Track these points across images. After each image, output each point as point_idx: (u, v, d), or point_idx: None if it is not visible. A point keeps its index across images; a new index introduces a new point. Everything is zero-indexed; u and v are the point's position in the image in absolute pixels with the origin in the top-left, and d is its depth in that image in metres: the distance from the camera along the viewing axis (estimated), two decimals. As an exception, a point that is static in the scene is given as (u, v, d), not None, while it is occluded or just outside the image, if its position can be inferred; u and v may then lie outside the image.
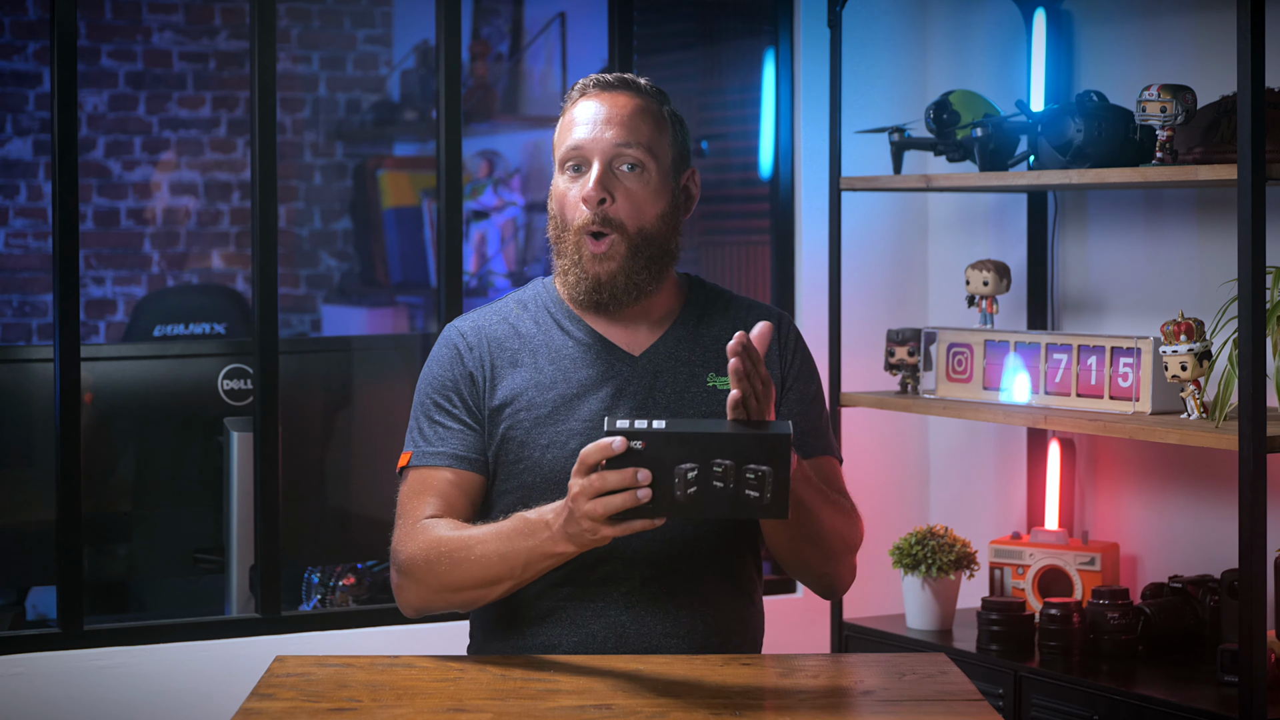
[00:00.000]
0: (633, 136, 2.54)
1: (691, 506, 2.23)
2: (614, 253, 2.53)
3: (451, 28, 3.79)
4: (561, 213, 2.56)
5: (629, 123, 2.55)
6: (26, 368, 3.60)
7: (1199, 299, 3.67)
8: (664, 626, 2.51)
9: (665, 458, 2.22)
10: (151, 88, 6.39)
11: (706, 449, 2.22)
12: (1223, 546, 3.65)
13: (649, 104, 2.59)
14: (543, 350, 2.58)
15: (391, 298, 6.37)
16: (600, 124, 2.55)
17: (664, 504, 2.23)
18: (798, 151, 4.27)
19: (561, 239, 2.57)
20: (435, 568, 2.46)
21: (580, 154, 2.55)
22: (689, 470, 2.22)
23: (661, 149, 2.57)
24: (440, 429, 2.56)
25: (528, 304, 2.64)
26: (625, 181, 2.54)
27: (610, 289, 2.54)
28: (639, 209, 2.54)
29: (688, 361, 2.59)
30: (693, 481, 2.22)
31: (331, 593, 3.84)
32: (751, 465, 2.22)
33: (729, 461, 2.22)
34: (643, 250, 2.54)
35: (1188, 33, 3.76)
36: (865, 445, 4.26)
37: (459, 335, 2.61)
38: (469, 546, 2.43)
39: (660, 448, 2.22)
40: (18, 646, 3.49)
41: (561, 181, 2.57)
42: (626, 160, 2.54)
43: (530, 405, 2.54)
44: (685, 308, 2.64)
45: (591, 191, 2.52)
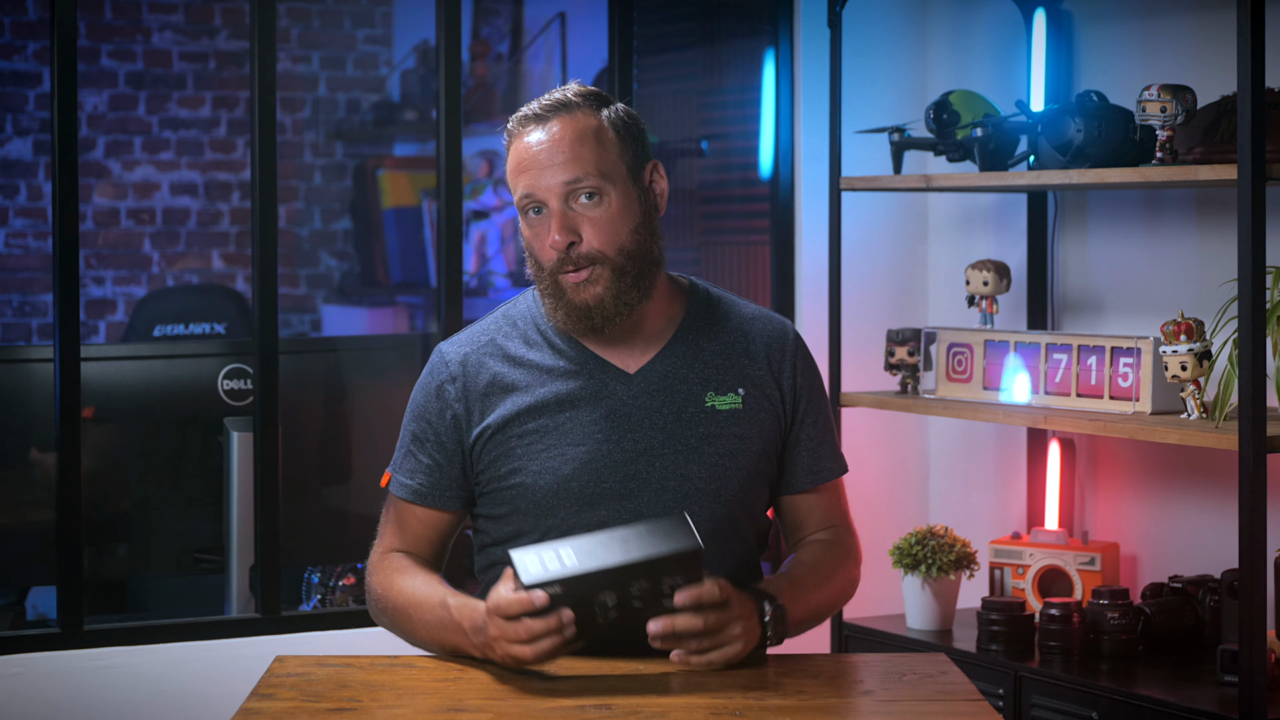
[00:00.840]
0: (580, 169, 2.45)
1: (612, 628, 2.30)
2: (596, 278, 2.46)
3: (451, 28, 3.79)
4: (533, 257, 2.50)
5: (572, 153, 2.45)
6: (26, 368, 3.60)
7: (1199, 299, 3.67)
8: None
9: (582, 593, 2.26)
10: (151, 88, 6.39)
11: (621, 578, 2.26)
12: (1223, 546, 3.65)
13: (586, 122, 2.47)
14: (533, 371, 2.53)
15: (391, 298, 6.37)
16: (544, 167, 2.45)
17: (586, 632, 2.29)
18: (798, 151, 4.27)
19: (540, 278, 2.50)
20: (386, 615, 2.57)
21: (534, 199, 2.47)
22: (607, 599, 2.27)
23: (612, 165, 2.47)
24: (413, 460, 2.57)
25: (517, 321, 2.58)
26: (587, 214, 2.45)
27: (601, 313, 2.47)
28: (610, 235, 2.46)
29: (685, 379, 2.53)
30: (612, 608, 2.28)
31: (331, 593, 3.84)
32: (666, 580, 2.28)
33: (644, 583, 2.27)
34: (627, 270, 2.47)
35: (1188, 33, 3.76)
36: (865, 445, 4.26)
37: (444, 364, 2.56)
38: (408, 612, 2.51)
39: (578, 586, 2.26)
40: (18, 646, 3.49)
41: (526, 227, 2.50)
42: (582, 192, 2.45)
43: (523, 431, 2.51)
44: (684, 321, 2.57)
45: (557, 239, 2.44)
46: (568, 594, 2.25)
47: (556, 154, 2.45)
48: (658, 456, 2.49)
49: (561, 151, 2.45)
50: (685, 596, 2.28)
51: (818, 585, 2.53)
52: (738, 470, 2.52)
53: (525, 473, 2.50)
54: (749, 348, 2.58)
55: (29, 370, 3.58)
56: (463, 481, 2.56)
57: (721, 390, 2.54)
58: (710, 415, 2.52)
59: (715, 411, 2.52)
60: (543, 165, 2.45)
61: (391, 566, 2.56)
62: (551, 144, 2.46)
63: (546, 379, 2.52)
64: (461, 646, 2.42)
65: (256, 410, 3.64)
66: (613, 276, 2.46)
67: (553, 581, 2.24)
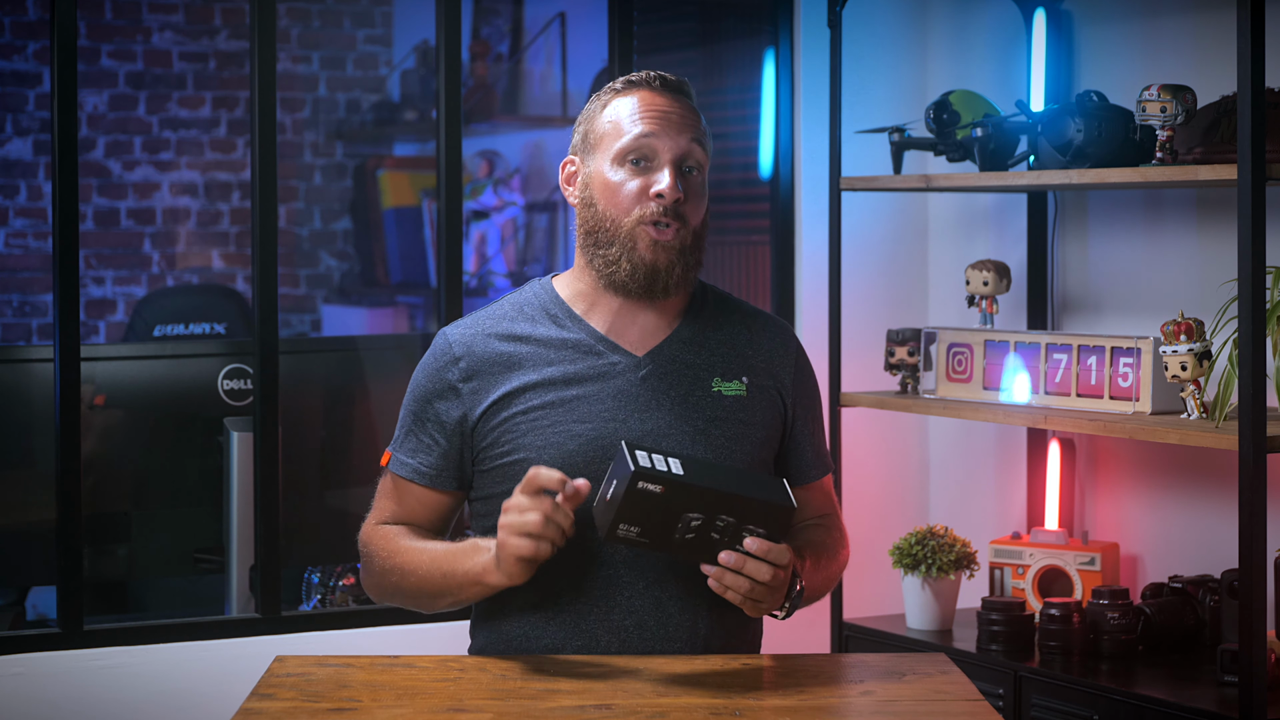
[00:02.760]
0: (699, 137, 2.54)
1: (683, 548, 2.34)
2: (676, 242, 2.51)
3: (451, 28, 3.79)
4: (617, 203, 2.52)
5: (694, 124, 2.55)
6: (26, 368, 3.60)
7: (1199, 299, 3.67)
8: (666, 631, 2.50)
9: (677, 504, 2.30)
10: (151, 88, 6.39)
11: (715, 504, 2.31)
12: (1223, 546, 3.65)
13: (696, 110, 2.59)
14: (539, 350, 2.56)
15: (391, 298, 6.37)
16: (672, 122, 2.53)
17: (661, 542, 2.33)
18: (798, 151, 4.27)
19: (612, 229, 2.52)
20: (388, 574, 2.55)
21: (650, 146, 2.51)
22: (694, 519, 2.31)
23: (709, 155, 2.58)
24: (413, 440, 2.59)
25: (524, 306, 2.60)
26: (690, 182, 2.54)
27: (666, 278, 2.52)
28: (698, 209, 2.55)
29: (692, 364, 2.57)
30: (694, 529, 2.32)
31: (331, 593, 3.84)
32: (750, 526, 2.34)
33: (732, 519, 2.33)
34: (696, 247, 2.55)
35: (1188, 33, 3.76)
36: (865, 445, 4.26)
37: (447, 345, 2.59)
38: (416, 560, 2.52)
39: (676, 494, 2.30)
40: (18, 646, 3.49)
41: (617, 174, 2.52)
42: (692, 161, 2.53)
43: (528, 408, 2.53)
44: (691, 309, 2.62)
45: (672, 189, 2.49)
46: (664, 497, 2.28)
47: (686, 118, 2.55)
48: (665, 437, 2.51)
49: (689, 119, 2.56)
50: (761, 544, 2.33)
51: (826, 563, 2.59)
52: (742, 454, 2.54)
53: (529, 448, 2.51)
54: (753, 340, 2.63)
55: (29, 370, 3.58)
56: (461, 463, 2.58)
57: (728, 377, 2.58)
58: (717, 400, 2.56)
59: (722, 396, 2.56)
60: (672, 122, 2.53)
61: (393, 530, 2.59)
62: (681, 108, 2.56)
63: (554, 356, 2.55)
64: (470, 571, 2.43)
65: (256, 410, 3.64)
66: (690, 246, 2.54)
67: (658, 478, 2.28)
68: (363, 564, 2.62)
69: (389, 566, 2.55)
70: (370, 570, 2.59)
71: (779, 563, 2.36)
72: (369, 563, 2.59)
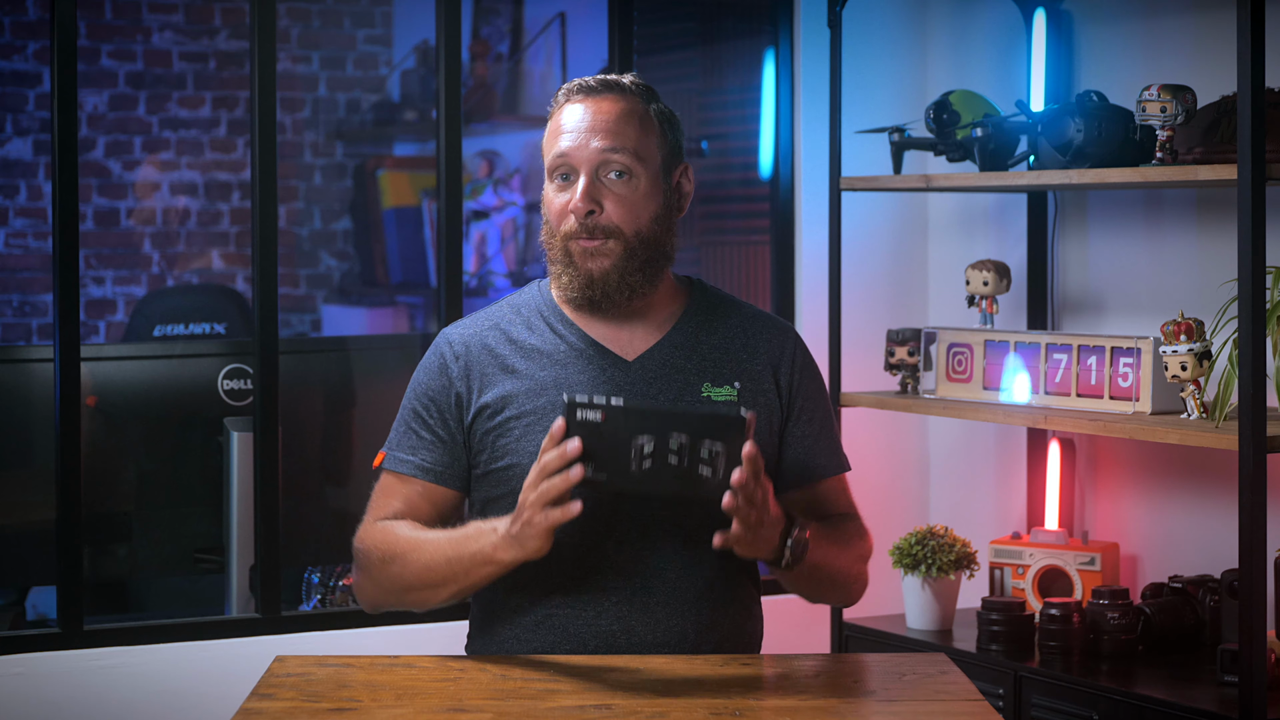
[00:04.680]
0: (618, 142, 2.51)
1: (645, 480, 2.28)
2: (608, 251, 2.51)
3: (451, 28, 3.79)
4: (552, 219, 2.55)
5: (614, 128, 2.52)
6: (26, 368, 3.60)
7: (1199, 299, 3.67)
8: (655, 635, 2.50)
9: (622, 430, 2.27)
10: (151, 88, 6.39)
11: (663, 424, 2.27)
12: (1223, 546, 3.65)
13: (634, 105, 2.55)
14: (534, 355, 2.56)
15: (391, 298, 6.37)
16: (585, 131, 2.52)
17: (618, 477, 2.29)
18: (798, 151, 4.27)
19: (552, 244, 2.55)
20: (388, 567, 2.52)
21: (566, 163, 2.52)
22: (644, 444, 2.27)
23: (649, 151, 2.54)
24: (414, 437, 2.58)
25: (521, 308, 2.62)
26: (613, 189, 2.51)
27: (603, 285, 2.52)
28: (631, 214, 2.52)
29: (682, 369, 2.56)
30: (648, 456, 2.27)
31: (331, 593, 3.84)
32: (706, 442, 2.28)
33: (684, 438, 2.27)
34: (638, 253, 2.52)
35: (1188, 33, 3.76)
36: (865, 445, 4.26)
37: (447, 344, 2.60)
38: (419, 548, 2.49)
39: (618, 421, 2.27)
40: (18, 646, 3.49)
41: (550, 190, 2.55)
42: (614, 168, 2.51)
43: (521, 412, 2.53)
44: (685, 314, 2.61)
45: (579, 203, 2.50)
46: (606, 425, 2.26)
47: (599, 125, 2.52)
48: None
49: (605, 124, 2.52)
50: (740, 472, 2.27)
51: (836, 542, 2.55)
52: None
53: (522, 453, 2.52)
54: (748, 343, 2.61)
55: (29, 370, 3.58)
56: (464, 461, 2.57)
57: (718, 382, 2.57)
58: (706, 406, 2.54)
59: (710, 402, 2.55)
60: (583, 131, 2.52)
61: (392, 523, 2.55)
62: (598, 114, 2.53)
63: (546, 362, 2.56)
64: (480, 553, 2.41)
65: (256, 410, 3.64)
66: (623, 254, 2.51)
67: (594, 406, 2.26)
68: (358, 567, 2.58)
69: (387, 556, 2.51)
70: (367, 567, 2.55)
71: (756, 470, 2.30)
72: (365, 560, 2.55)
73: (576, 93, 2.55)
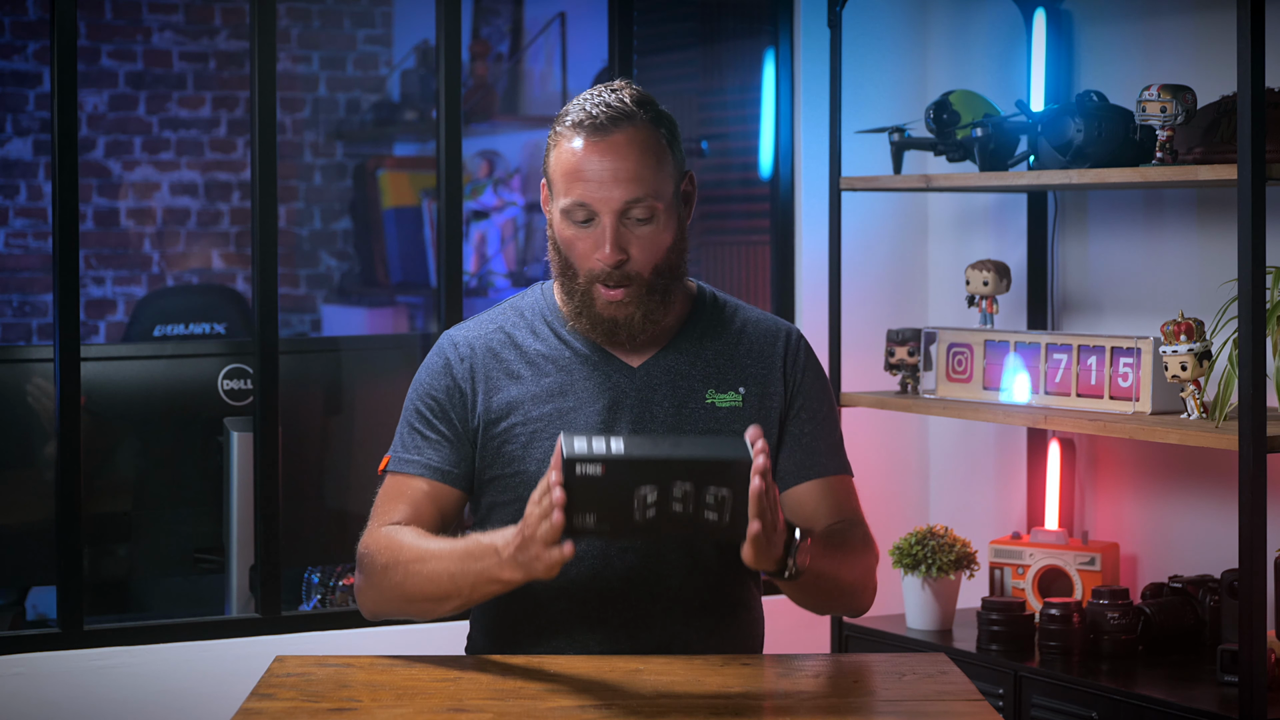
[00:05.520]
0: (641, 191, 2.45)
1: (649, 529, 2.20)
2: (631, 299, 2.48)
3: (451, 28, 3.79)
4: (570, 256, 2.50)
5: (636, 174, 2.45)
6: (26, 368, 3.60)
7: (1199, 299, 3.67)
8: (658, 639, 2.50)
9: (624, 481, 2.18)
10: (151, 88, 6.39)
11: (666, 472, 2.18)
12: (1223, 546, 3.65)
13: (647, 137, 2.47)
14: (540, 362, 2.55)
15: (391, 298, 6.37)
16: (606, 182, 2.45)
17: (622, 527, 2.20)
18: (798, 151, 4.27)
19: (570, 283, 2.51)
20: (390, 575, 2.46)
21: (589, 208, 2.46)
22: (648, 494, 2.19)
23: (665, 185, 2.49)
24: (419, 438, 2.55)
25: (525, 312, 2.60)
26: (636, 232, 2.47)
27: (628, 329, 2.50)
28: (654, 254, 2.49)
29: (687, 376, 2.55)
30: (651, 505, 2.19)
31: (331, 593, 3.84)
32: (711, 488, 2.20)
33: (688, 485, 2.19)
34: (658, 286, 2.50)
35: (1188, 33, 3.76)
36: (865, 445, 4.26)
37: (451, 346, 2.58)
38: (423, 560, 2.42)
39: (619, 473, 2.18)
40: (18, 646, 3.49)
41: (567, 228, 2.49)
42: (638, 212, 2.46)
43: (526, 419, 2.52)
44: (689, 321, 2.59)
45: (609, 254, 2.45)
46: (608, 478, 2.17)
47: (621, 170, 2.45)
48: None
49: (625, 169, 2.45)
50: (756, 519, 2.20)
51: (839, 550, 2.49)
52: None
53: (528, 460, 2.51)
54: (751, 347, 2.60)
55: (29, 370, 3.58)
56: (470, 461, 2.55)
57: (722, 389, 2.56)
58: (710, 412, 2.54)
59: (715, 409, 2.54)
60: (604, 179, 2.45)
61: (395, 529, 2.50)
62: (615, 158, 2.45)
63: (551, 369, 2.54)
64: (485, 572, 2.34)
65: (256, 410, 3.64)
66: (645, 294, 2.49)
67: (594, 459, 2.17)
68: (360, 574, 2.53)
69: (391, 564, 2.45)
70: (370, 574, 2.49)
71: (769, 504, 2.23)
72: (369, 567, 2.50)
73: (590, 132, 2.46)
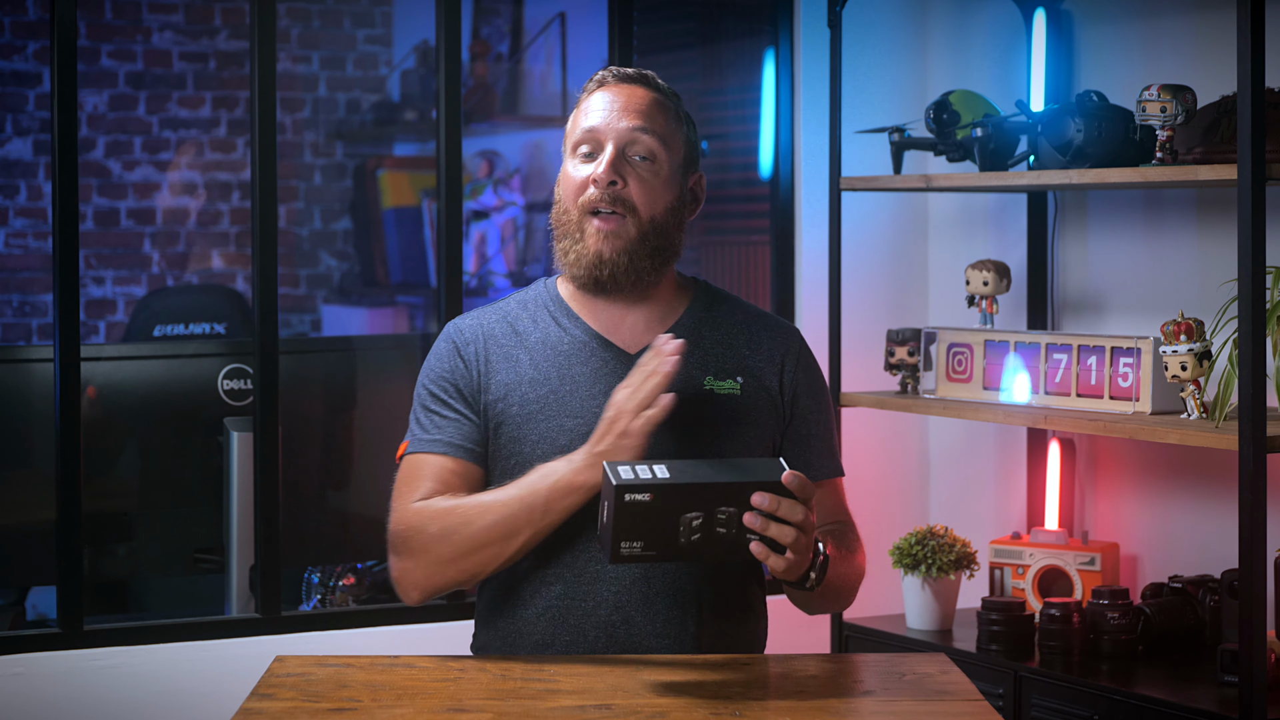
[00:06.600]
0: (648, 124, 2.56)
1: (694, 551, 2.29)
2: (622, 231, 2.53)
3: (451, 28, 3.79)
4: (568, 194, 2.57)
5: (646, 112, 2.57)
6: (26, 368, 3.60)
7: (1199, 299, 3.67)
8: (653, 627, 2.50)
9: (671, 507, 2.26)
10: (151, 88, 6.39)
11: (711, 498, 2.28)
12: (1223, 546, 3.65)
13: (665, 100, 2.60)
14: (538, 346, 2.58)
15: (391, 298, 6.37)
16: (617, 111, 2.56)
17: (668, 549, 2.28)
18: (798, 151, 4.27)
19: (565, 220, 2.57)
20: (448, 536, 2.47)
21: (594, 137, 2.56)
22: (694, 519, 2.28)
23: (675, 144, 2.58)
24: (436, 418, 2.56)
25: (527, 303, 2.64)
26: (637, 169, 2.55)
27: (612, 266, 2.53)
28: (650, 197, 2.55)
29: (685, 363, 2.55)
30: (697, 529, 2.28)
31: (331, 593, 3.84)
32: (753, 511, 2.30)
33: (732, 509, 2.29)
34: (650, 238, 2.55)
35: (1188, 33, 3.76)
36: (865, 445, 4.26)
37: (457, 332, 2.62)
38: (483, 504, 2.46)
39: (667, 500, 2.26)
40: (18, 646, 3.49)
41: (571, 166, 2.58)
42: (640, 149, 2.55)
43: (523, 400, 2.54)
44: (688, 309, 2.62)
45: (603, 174, 2.53)
46: (656, 505, 2.25)
47: (631, 106, 2.57)
48: (654, 434, 2.49)
49: (637, 106, 2.57)
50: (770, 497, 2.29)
51: (845, 559, 2.54)
52: (732, 454, 2.54)
53: (525, 442, 2.53)
54: (751, 340, 2.62)
55: (29, 370, 3.58)
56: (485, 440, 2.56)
57: (720, 376, 2.58)
58: (707, 398, 2.56)
59: (713, 395, 2.56)
60: (616, 110, 2.56)
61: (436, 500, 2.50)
62: (631, 98, 2.58)
63: (550, 354, 2.57)
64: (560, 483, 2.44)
65: (256, 410, 3.64)
66: (636, 237, 2.54)
67: (644, 487, 2.25)
68: (403, 555, 2.51)
69: (447, 528, 2.46)
70: (417, 549, 2.49)
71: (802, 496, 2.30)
72: (414, 543, 2.49)
73: (611, 78, 2.61)
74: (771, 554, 2.31)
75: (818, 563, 2.40)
